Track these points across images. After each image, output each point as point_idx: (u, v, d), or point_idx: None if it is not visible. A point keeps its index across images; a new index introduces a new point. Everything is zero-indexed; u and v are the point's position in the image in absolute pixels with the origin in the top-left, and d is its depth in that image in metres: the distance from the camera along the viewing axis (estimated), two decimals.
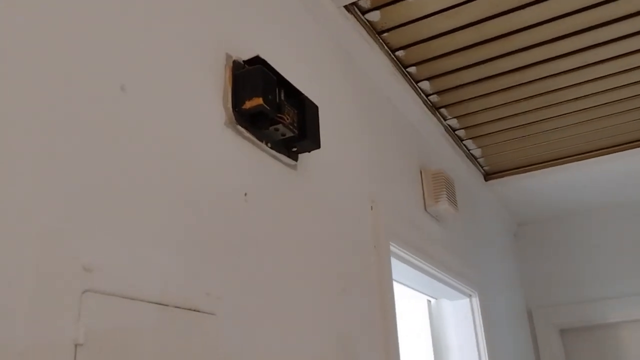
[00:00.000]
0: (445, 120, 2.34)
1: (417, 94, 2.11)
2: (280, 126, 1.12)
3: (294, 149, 1.22)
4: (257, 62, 1.11)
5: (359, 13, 1.68)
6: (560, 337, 3.27)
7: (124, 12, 0.87)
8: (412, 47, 1.87)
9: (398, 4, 1.66)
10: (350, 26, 1.66)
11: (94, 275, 0.69)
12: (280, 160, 1.20)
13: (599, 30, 1.81)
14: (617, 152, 2.67)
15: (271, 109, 1.07)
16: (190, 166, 0.93)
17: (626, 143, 2.63)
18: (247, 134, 1.09)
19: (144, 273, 0.78)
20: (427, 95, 2.16)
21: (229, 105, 1.06)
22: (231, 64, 1.10)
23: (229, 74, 1.09)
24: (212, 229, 0.94)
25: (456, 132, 2.45)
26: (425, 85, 2.08)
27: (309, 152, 1.26)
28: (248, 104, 1.06)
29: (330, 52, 1.61)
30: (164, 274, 0.81)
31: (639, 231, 3.21)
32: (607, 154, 2.69)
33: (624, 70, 2.05)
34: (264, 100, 1.05)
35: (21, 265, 0.62)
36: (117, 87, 0.81)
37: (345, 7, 1.62)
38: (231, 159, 1.04)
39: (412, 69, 1.98)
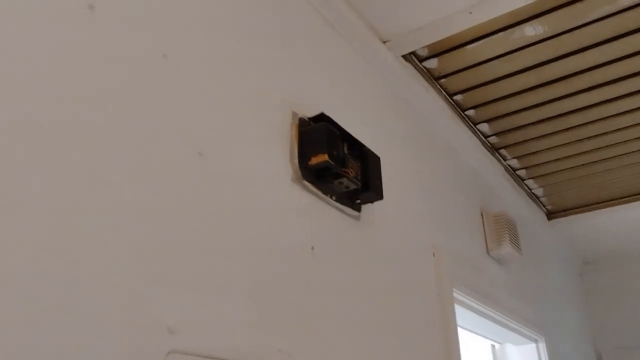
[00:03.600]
0: (505, 160, 2.32)
1: (476, 136, 2.10)
2: (344, 179, 1.15)
3: (358, 201, 1.25)
4: (321, 119, 1.15)
5: (416, 61, 1.71)
6: None
7: (196, 81, 0.93)
8: (470, 91, 1.87)
9: (455, 51, 1.68)
10: (408, 74, 1.69)
11: (177, 336, 0.73)
12: (345, 212, 1.22)
13: None
14: None
15: (336, 163, 1.10)
16: (260, 223, 0.97)
17: None
18: (313, 188, 1.13)
19: (221, 330, 0.81)
20: (486, 137, 2.15)
21: (296, 161, 1.10)
22: (297, 122, 1.14)
23: (295, 132, 1.13)
24: (282, 285, 0.97)
25: (517, 172, 2.41)
26: (484, 127, 2.08)
27: (372, 202, 1.28)
28: (314, 160, 1.09)
29: (390, 100, 1.64)
30: (238, 330, 0.84)
31: None
32: None
33: None
34: (329, 156, 1.08)
35: (108, 330, 0.66)
36: (196, 153, 0.87)
37: (404, 56, 1.66)
38: (298, 213, 1.08)
39: (470, 112, 1.99)
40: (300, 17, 1.31)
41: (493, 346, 2.33)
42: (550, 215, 2.83)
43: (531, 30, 1.60)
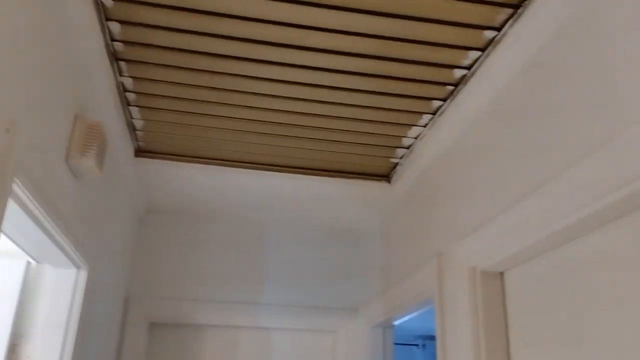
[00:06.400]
0: (120, 75, 2.12)
1: (102, 32, 1.84)
2: None
3: None
4: None
5: None
6: (148, 329, 3.26)
7: None
8: None
9: None
10: None
11: None
12: None
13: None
14: (257, 169, 2.85)
15: None
16: None
17: (266, 164, 2.84)
18: None
19: None
20: (112, 39, 1.91)
21: None
22: None
23: None
24: None
25: (127, 93, 2.24)
26: (115, 26, 1.84)
27: None
28: None
29: None
30: None
31: (248, 245, 3.49)
32: (249, 169, 2.85)
33: (285, 97, 2.20)
34: None
35: None
36: None
37: None
38: None
39: (107, 1, 1.73)
40: None
41: (29, 263, 2.06)
42: (139, 152, 2.75)
43: None
